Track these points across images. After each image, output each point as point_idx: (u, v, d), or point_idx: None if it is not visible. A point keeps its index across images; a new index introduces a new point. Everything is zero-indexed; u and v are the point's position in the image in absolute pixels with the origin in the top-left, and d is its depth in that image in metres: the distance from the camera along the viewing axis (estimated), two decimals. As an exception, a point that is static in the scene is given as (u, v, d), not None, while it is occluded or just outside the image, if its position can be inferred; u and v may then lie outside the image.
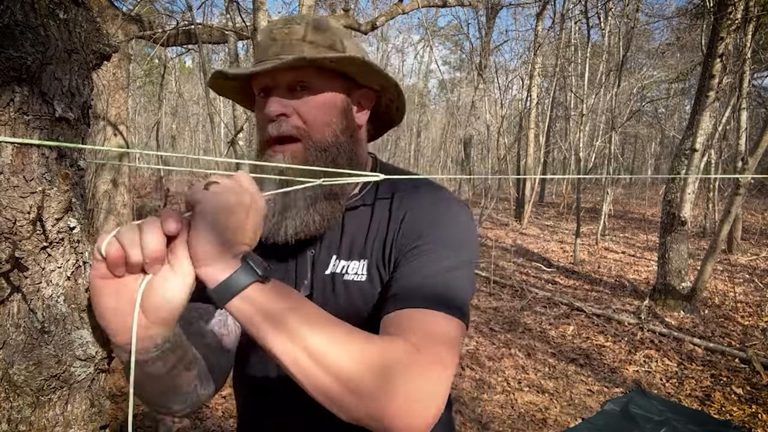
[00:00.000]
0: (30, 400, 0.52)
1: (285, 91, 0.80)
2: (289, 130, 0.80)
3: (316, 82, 0.81)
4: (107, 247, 0.53)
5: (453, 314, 0.70)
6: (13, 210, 0.49)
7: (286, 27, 0.82)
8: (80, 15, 0.54)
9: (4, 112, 0.49)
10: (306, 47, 0.80)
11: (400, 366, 0.61)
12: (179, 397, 0.70)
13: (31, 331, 0.52)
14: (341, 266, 0.83)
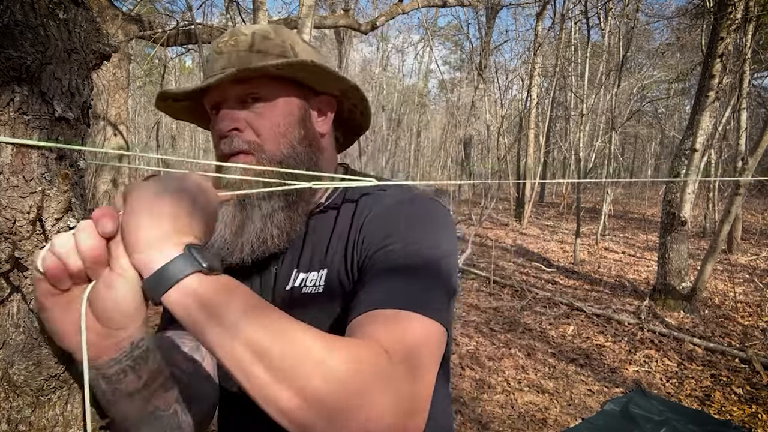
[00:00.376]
0: (30, 400, 0.52)
1: (236, 104, 0.77)
2: (241, 145, 0.75)
3: (268, 92, 0.77)
4: (44, 262, 0.49)
5: (430, 315, 0.62)
6: (13, 210, 0.49)
7: (231, 39, 0.79)
8: (80, 15, 0.54)
9: (3, 112, 0.49)
10: (254, 57, 0.77)
11: (371, 376, 0.52)
12: (158, 422, 0.62)
13: (30, 331, 0.52)
14: (300, 279, 0.79)
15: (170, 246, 0.51)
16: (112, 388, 0.55)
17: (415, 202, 0.77)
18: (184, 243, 0.52)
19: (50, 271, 0.49)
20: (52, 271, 0.49)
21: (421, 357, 0.58)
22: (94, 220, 0.50)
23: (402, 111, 19.69)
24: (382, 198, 0.79)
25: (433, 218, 0.76)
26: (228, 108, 0.76)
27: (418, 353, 0.58)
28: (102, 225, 0.50)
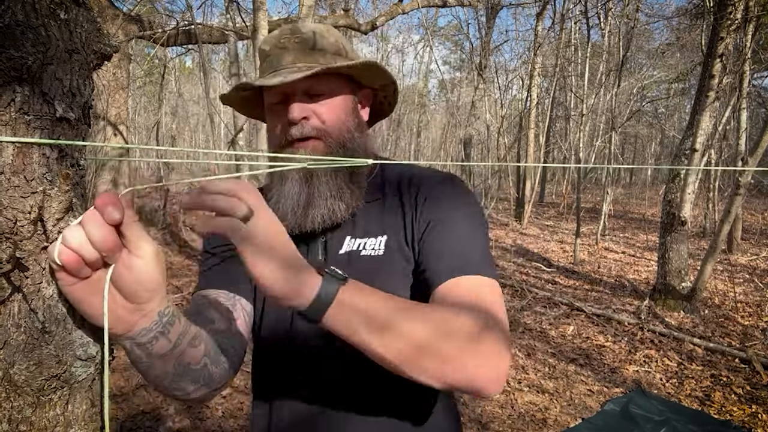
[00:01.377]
0: (31, 400, 0.52)
1: (303, 96, 0.86)
2: (311, 131, 0.85)
3: (331, 86, 0.87)
4: (60, 256, 0.51)
5: (493, 275, 0.80)
6: (14, 210, 0.49)
7: (294, 36, 0.88)
8: (81, 15, 0.54)
9: (5, 112, 0.49)
10: (317, 55, 0.87)
11: (479, 335, 0.69)
12: (190, 376, 0.70)
13: (31, 331, 0.52)
14: (357, 244, 0.89)
15: (308, 274, 0.61)
16: (147, 352, 0.61)
17: (454, 181, 0.92)
18: (312, 264, 0.63)
19: (68, 264, 0.51)
20: (71, 264, 0.51)
21: (500, 310, 0.76)
22: (100, 210, 0.52)
23: (402, 111, 19.70)
24: (423, 178, 0.92)
25: (469, 196, 0.91)
26: (297, 100, 0.85)
27: (497, 309, 0.76)
28: (109, 214, 0.52)
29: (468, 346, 0.68)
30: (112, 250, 0.53)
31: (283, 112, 0.86)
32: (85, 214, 0.52)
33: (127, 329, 0.57)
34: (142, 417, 2.97)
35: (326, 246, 0.90)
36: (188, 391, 0.72)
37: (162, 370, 0.66)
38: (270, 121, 0.90)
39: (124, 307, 0.56)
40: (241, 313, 0.88)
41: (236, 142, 6.01)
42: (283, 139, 0.87)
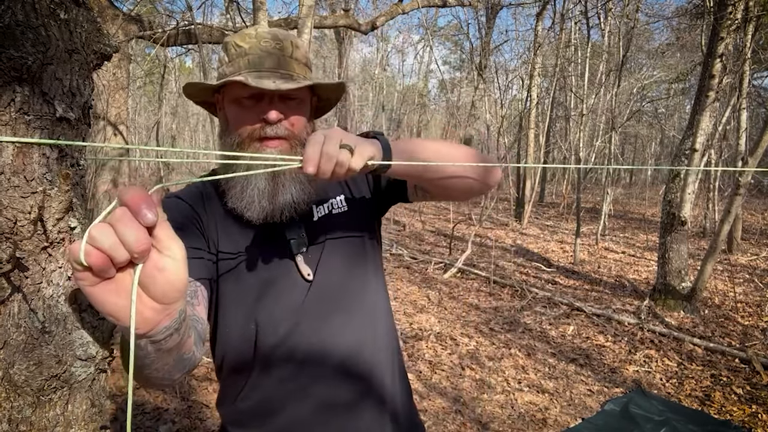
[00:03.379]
0: (31, 400, 0.52)
1: (278, 101, 0.96)
2: (283, 132, 0.96)
3: (301, 95, 1.00)
4: (87, 257, 0.49)
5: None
6: (14, 210, 0.49)
7: (276, 42, 0.98)
8: (81, 15, 0.54)
9: (5, 112, 0.49)
10: (293, 63, 0.98)
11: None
12: (182, 365, 0.73)
13: (31, 331, 0.52)
14: (325, 208, 1.06)
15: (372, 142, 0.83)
16: (158, 348, 0.63)
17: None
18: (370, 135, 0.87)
19: (96, 264, 0.50)
20: (99, 265, 0.50)
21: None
22: (134, 212, 0.50)
23: (402, 111, 19.69)
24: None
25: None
26: (275, 103, 0.96)
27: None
28: (144, 217, 0.50)
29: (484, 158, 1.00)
30: (146, 252, 0.51)
31: (257, 108, 0.95)
32: (116, 213, 0.50)
33: (150, 329, 0.57)
34: (142, 417, 2.97)
35: (303, 221, 1.03)
36: (174, 379, 0.75)
37: (163, 363, 0.67)
38: (238, 112, 0.97)
39: (152, 308, 0.55)
40: (201, 299, 0.94)
41: (236, 142, 5.99)
42: (254, 133, 0.96)
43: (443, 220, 11.75)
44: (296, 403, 1.00)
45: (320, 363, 1.00)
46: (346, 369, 1.01)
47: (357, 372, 1.03)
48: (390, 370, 1.11)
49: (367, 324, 1.06)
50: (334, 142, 0.75)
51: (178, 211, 0.99)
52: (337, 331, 1.01)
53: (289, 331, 0.99)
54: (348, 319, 1.03)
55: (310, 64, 1.04)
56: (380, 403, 1.07)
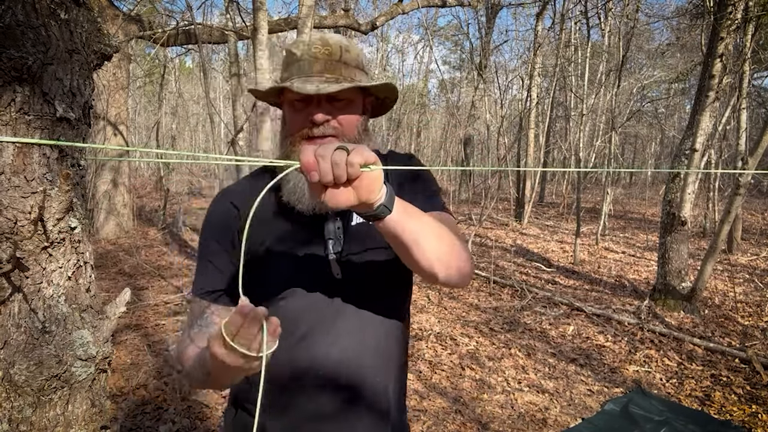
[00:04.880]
0: (31, 400, 0.52)
1: (326, 102, 1.02)
2: (331, 131, 1.02)
3: (349, 95, 1.04)
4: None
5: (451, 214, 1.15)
6: (15, 210, 0.49)
7: (325, 48, 1.04)
8: (81, 15, 0.54)
9: (5, 112, 0.49)
10: (342, 67, 1.04)
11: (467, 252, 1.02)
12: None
13: (32, 331, 0.52)
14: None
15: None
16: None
17: (417, 158, 1.23)
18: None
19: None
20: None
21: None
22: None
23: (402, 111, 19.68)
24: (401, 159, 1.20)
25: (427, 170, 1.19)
26: (322, 105, 1.02)
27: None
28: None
29: (465, 251, 1.00)
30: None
31: (306, 111, 1.02)
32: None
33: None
34: (142, 417, 2.97)
35: (342, 221, 1.08)
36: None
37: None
38: (292, 114, 1.05)
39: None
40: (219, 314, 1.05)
41: (236, 142, 6.00)
42: (304, 132, 1.03)
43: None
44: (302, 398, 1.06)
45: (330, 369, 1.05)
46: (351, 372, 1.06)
47: (359, 379, 1.07)
48: (393, 382, 1.14)
49: (380, 334, 1.10)
50: (329, 147, 0.76)
51: (220, 216, 1.09)
52: (352, 330, 1.06)
53: (309, 323, 1.05)
54: (361, 325, 1.07)
55: (362, 66, 1.09)
56: (378, 416, 1.11)
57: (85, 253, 0.58)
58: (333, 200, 0.78)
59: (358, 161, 0.75)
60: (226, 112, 21.22)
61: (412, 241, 0.92)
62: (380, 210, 0.84)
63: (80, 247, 0.57)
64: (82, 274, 0.57)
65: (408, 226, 0.89)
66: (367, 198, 0.80)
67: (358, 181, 0.78)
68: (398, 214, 0.87)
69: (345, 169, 0.75)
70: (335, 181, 0.76)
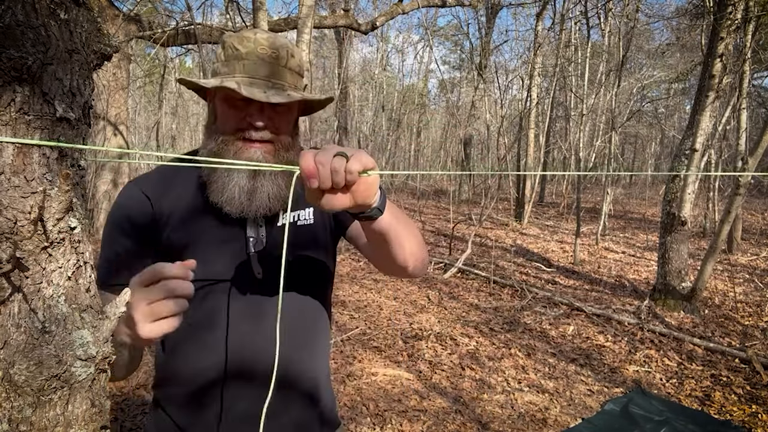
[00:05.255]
0: (31, 400, 0.52)
1: (268, 106, 1.00)
2: (269, 136, 1.01)
3: (290, 104, 1.03)
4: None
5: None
6: (14, 210, 0.49)
7: (272, 50, 1.00)
8: (81, 15, 0.54)
9: (5, 112, 0.49)
10: (287, 73, 1.02)
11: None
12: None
13: (31, 331, 0.52)
14: (292, 216, 1.09)
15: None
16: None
17: None
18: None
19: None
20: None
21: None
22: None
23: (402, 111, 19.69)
24: None
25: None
26: (264, 110, 1.00)
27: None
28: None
29: (423, 241, 1.07)
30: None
31: (245, 112, 0.99)
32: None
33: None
34: (142, 417, 2.97)
35: (265, 221, 1.07)
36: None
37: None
38: (227, 111, 1.01)
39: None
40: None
41: (236, 142, 6.00)
42: (238, 132, 1.00)
43: (443, 220, 11.75)
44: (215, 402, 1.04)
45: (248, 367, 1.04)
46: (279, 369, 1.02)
47: (286, 380, 1.06)
48: (322, 375, 1.15)
49: (306, 336, 1.10)
50: (328, 152, 0.76)
51: (130, 205, 1.03)
52: (269, 335, 1.01)
53: (231, 321, 1.04)
54: (283, 326, 1.01)
55: (303, 72, 1.09)
56: (310, 411, 1.12)
57: (85, 253, 0.58)
58: (329, 204, 0.78)
59: (357, 169, 0.76)
60: (226, 112, 21.10)
61: (395, 239, 0.95)
62: (373, 212, 0.86)
63: (80, 247, 0.57)
64: (82, 274, 0.57)
65: (393, 226, 0.93)
66: (363, 202, 0.80)
67: (356, 185, 0.78)
68: (387, 216, 0.90)
69: (344, 177, 0.75)
70: (334, 187, 0.76)
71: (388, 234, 0.93)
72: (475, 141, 18.78)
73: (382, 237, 0.94)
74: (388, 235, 0.93)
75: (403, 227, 0.96)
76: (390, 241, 0.95)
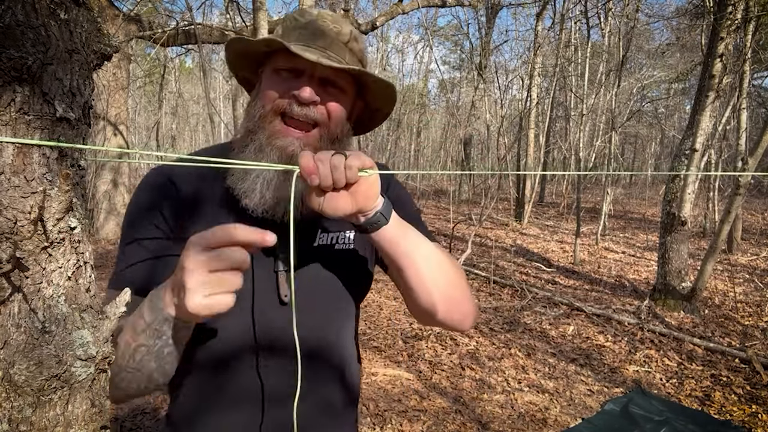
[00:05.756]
0: (31, 400, 0.52)
1: (317, 82, 0.86)
2: (316, 116, 0.86)
3: (346, 85, 0.89)
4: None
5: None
6: (14, 210, 0.49)
7: (336, 25, 0.89)
8: (81, 15, 0.54)
9: (5, 112, 0.49)
10: (346, 53, 0.89)
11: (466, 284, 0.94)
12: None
13: (31, 331, 0.52)
14: (330, 238, 0.95)
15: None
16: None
17: (398, 180, 1.08)
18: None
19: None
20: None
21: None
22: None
23: (402, 111, 19.70)
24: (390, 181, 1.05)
25: (406, 189, 1.09)
26: (314, 83, 0.86)
27: None
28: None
29: (468, 287, 0.92)
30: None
31: (292, 84, 0.85)
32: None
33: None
34: (142, 417, 2.97)
35: (300, 237, 0.91)
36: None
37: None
38: (272, 83, 0.87)
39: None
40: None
41: (236, 142, 6.00)
42: (280, 106, 0.86)
43: (443, 220, 11.75)
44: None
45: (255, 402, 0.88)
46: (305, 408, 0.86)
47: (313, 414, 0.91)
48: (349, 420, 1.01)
49: (330, 377, 0.95)
50: (327, 152, 0.74)
51: (157, 190, 0.90)
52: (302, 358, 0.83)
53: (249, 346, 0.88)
54: (310, 352, 0.89)
55: (365, 61, 0.95)
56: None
57: (85, 253, 0.58)
58: (331, 206, 0.75)
59: (357, 165, 0.73)
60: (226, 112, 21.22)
61: (408, 259, 0.84)
62: (377, 218, 0.80)
63: (80, 247, 0.57)
64: (82, 274, 0.57)
65: (404, 241, 0.83)
66: (364, 204, 0.77)
67: (356, 186, 0.75)
68: (395, 227, 0.82)
69: (344, 173, 0.72)
70: (334, 185, 0.73)
71: (398, 249, 0.82)
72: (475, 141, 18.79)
73: (393, 255, 0.83)
74: (398, 251, 0.83)
75: (422, 249, 0.85)
76: (404, 262, 0.83)
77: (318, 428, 0.92)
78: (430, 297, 0.86)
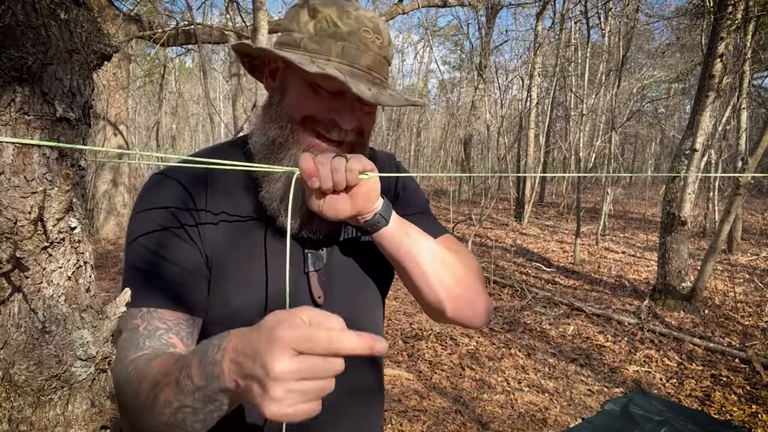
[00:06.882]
0: (31, 400, 0.52)
1: (359, 103, 0.82)
2: (351, 138, 0.84)
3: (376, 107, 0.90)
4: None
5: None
6: (14, 210, 0.49)
7: (377, 36, 0.83)
8: (81, 15, 0.54)
9: (5, 112, 0.49)
10: (385, 67, 0.86)
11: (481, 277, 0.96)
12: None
13: (31, 331, 0.52)
14: (354, 231, 0.95)
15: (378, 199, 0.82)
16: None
17: (413, 179, 1.09)
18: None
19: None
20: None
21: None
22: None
23: (402, 111, 19.71)
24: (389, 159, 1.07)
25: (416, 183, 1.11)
26: (356, 110, 0.83)
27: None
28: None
29: (480, 282, 0.93)
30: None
31: (332, 104, 0.81)
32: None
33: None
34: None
35: (327, 237, 0.90)
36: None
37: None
38: (304, 94, 0.81)
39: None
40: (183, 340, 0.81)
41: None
42: (317, 126, 0.82)
43: (443, 220, 11.76)
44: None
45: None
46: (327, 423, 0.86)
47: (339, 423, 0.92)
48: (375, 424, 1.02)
49: (363, 366, 0.97)
50: (328, 154, 0.74)
51: (172, 199, 0.83)
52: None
53: None
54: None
55: (390, 61, 0.90)
56: None
57: (85, 253, 0.58)
58: (331, 208, 0.75)
59: (357, 167, 0.73)
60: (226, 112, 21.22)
61: (410, 259, 0.85)
62: (377, 219, 0.81)
63: (80, 247, 0.57)
64: (82, 274, 0.57)
65: (406, 241, 0.84)
66: (364, 206, 0.77)
67: (356, 188, 0.75)
68: (396, 227, 0.83)
69: (344, 175, 0.72)
70: (335, 187, 0.73)
71: (400, 249, 0.83)
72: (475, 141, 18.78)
73: (396, 255, 0.85)
74: (400, 251, 0.84)
75: (424, 247, 0.85)
76: (406, 262, 0.84)
77: (353, 410, 0.96)
78: (436, 295, 0.88)
